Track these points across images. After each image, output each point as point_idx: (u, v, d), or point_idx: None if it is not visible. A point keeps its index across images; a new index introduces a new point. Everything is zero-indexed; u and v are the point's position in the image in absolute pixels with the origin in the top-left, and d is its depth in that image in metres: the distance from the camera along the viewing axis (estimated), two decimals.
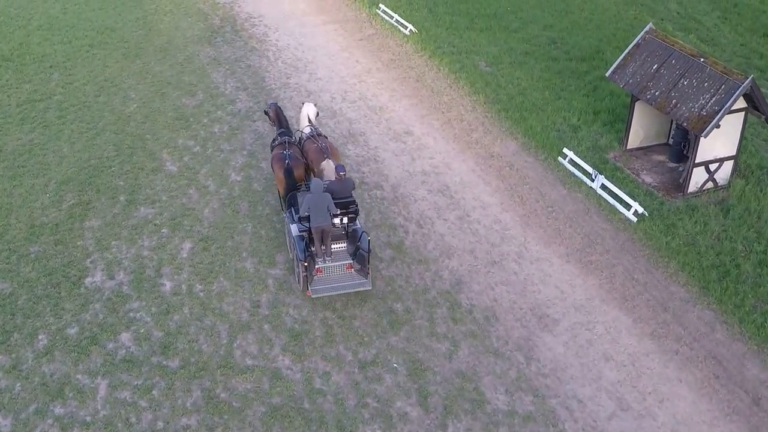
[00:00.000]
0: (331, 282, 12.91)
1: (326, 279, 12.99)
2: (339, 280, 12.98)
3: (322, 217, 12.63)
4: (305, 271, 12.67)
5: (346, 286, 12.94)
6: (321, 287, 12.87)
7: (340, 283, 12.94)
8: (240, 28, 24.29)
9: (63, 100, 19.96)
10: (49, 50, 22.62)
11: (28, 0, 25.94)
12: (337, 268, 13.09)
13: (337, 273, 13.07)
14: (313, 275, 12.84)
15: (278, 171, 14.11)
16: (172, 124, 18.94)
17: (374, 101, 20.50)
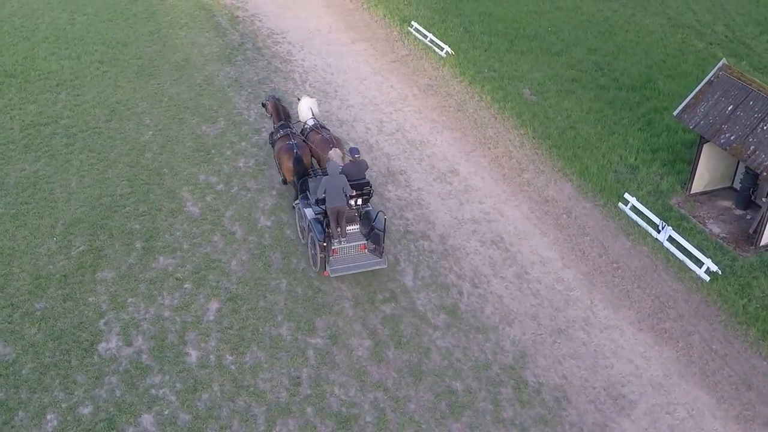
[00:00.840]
0: (347, 262, 13.57)
1: (342, 259, 13.64)
2: (355, 260, 13.66)
3: (338, 198, 13.17)
4: (323, 252, 13.31)
5: (362, 265, 13.60)
6: (338, 267, 13.50)
7: (356, 263, 13.61)
8: (262, 46, 22.80)
9: (71, 125, 18.44)
10: (56, 66, 21.09)
11: (32, 9, 24.37)
12: (352, 248, 13.66)
13: (352, 253, 13.66)
14: (329, 256, 13.40)
15: (287, 161, 14.51)
16: (192, 156, 17.45)
17: (414, 134, 19.06)
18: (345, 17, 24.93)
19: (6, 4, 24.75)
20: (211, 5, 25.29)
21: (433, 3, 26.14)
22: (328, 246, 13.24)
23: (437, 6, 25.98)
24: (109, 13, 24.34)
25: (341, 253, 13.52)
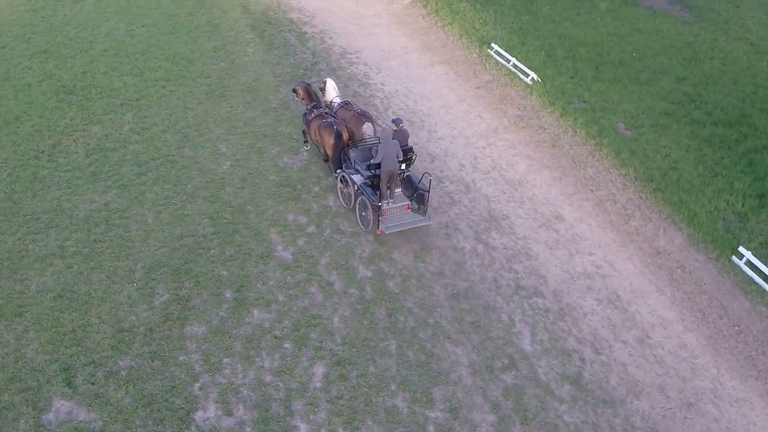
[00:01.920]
0: (395, 221, 14.95)
1: (390, 219, 15.01)
2: (402, 218, 15.06)
3: (392, 162, 14.60)
4: (375, 212, 14.81)
5: (409, 223, 15.05)
6: (390, 225, 14.88)
7: (404, 221, 15.01)
8: (336, 66, 21.75)
9: (140, 151, 17.39)
10: (118, 83, 20.07)
11: (86, 18, 23.39)
12: (398, 209, 15.10)
13: (398, 213, 15.08)
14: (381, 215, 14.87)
15: (328, 137, 15.89)
16: (277, 193, 16.35)
17: (511, 172, 17.94)
18: (420, 36, 23.89)
19: (58, 12, 23.78)
20: (277, 19, 24.28)
21: (510, 23, 25.10)
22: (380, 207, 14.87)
23: (514, 26, 24.95)
24: (170, 25, 23.35)
25: (389, 214, 15.02)
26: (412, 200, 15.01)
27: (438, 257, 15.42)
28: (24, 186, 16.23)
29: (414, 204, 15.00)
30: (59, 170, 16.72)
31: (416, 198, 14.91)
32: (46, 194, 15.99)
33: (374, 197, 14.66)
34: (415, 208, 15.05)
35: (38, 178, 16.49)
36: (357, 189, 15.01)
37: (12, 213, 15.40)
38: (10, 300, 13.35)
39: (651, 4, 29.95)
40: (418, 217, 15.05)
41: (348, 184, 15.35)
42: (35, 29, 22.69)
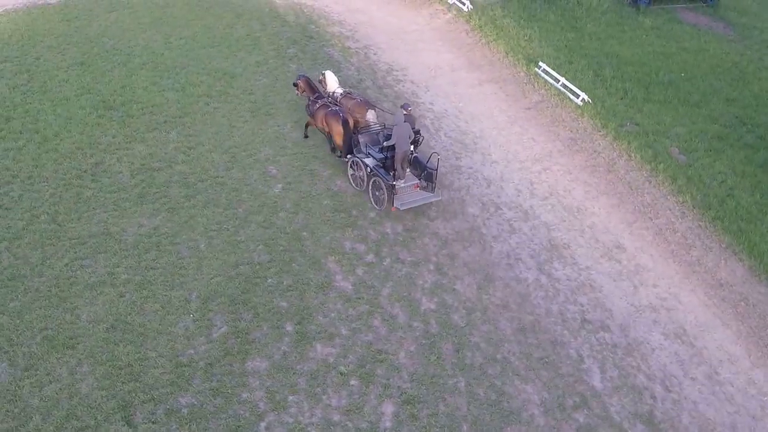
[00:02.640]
0: (407, 198, 15.99)
1: (403, 197, 16.03)
2: (413, 196, 16.11)
3: (405, 143, 15.64)
4: (389, 191, 15.87)
5: (420, 200, 16.15)
6: (402, 202, 15.90)
7: (414, 198, 16.10)
8: (383, 84, 21.43)
9: (187, 172, 17.07)
10: (159, 99, 19.76)
11: (122, 29, 23.10)
12: (408, 188, 16.19)
13: (409, 191, 16.13)
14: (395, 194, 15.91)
15: (336, 125, 16.66)
16: (333, 219, 16.00)
17: (568, 199, 17.58)
18: (465, 53, 23.57)
19: (92, 22, 23.52)
20: (318, 33, 23.98)
21: (556, 40, 24.79)
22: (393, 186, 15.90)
23: (560, 44, 24.62)
24: (209, 38, 23.05)
25: (402, 192, 16.03)
26: (421, 179, 16.10)
27: (501, 289, 15.06)
28: (68, 207, 15.94)
29: (423, 182, 16.09)
30: (104, 191, 16.43)
31: (425, 177, 16.01)
32: (91, 217, 15.68)
33: (388, 177, 15.82)
34: (423, 186, 16.13)
35: (82, 199, 16.19)
36: (370, 171, 16.13)
37: (57, 237, 15.11)
38: (60, 330, 13.02)
39: (694, 21, 29.65)
40: (428, 194, 16.18)
41: (360, 167, 16.38)
42: (70, 40, 22.42)
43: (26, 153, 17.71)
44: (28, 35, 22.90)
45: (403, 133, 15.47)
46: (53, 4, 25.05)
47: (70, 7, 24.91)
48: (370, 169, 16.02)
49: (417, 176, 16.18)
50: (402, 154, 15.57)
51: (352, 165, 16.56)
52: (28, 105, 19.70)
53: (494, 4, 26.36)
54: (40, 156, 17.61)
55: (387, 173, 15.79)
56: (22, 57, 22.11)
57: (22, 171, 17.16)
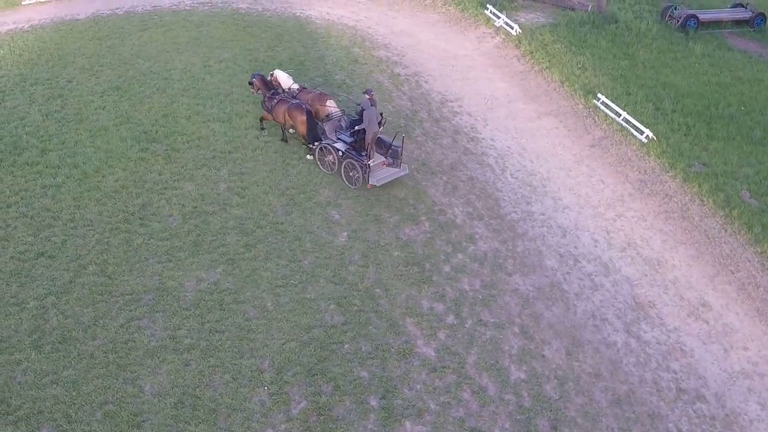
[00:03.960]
0: (379, 175, 16.83)
1: (376, 174, 16.86)
2: (383, 173, 16.91)
3: (374, 125, 16.38)
4: (364, 170, 16.65)
5: (389, 175, 16.94)
6: (377, 179, 16.75)
7: (385, 175, 16.91)
8: (439, 116, 20.25)
9: (244, 216, 15.82)
10: (205, 130, 18.50)
11: (157, 50, 21.82)
12: (378, 166, 16.96)
13: (379, 169, 16.94)
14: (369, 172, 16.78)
15: (300, 115, 17.33)
16: (406, 273, 14.80)
17: (647, 250, 16.47)
18: (519, 82, 22.44)
19: (125, 42, 22.22)
20: (364, 57, 22.79)
21: (610, 69, 23.74)
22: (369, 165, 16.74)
23: (615, 73, 23.56)
24: (250, 61, 21.79)
25: (374, 170, 16.82)
26: (387, 157, 16.99)
27: (591, 354, 13.93)
28: (117, 257, 14.67)
29: (389, 159, 16.98)
30: (155, 237, 15.17)
31: (391, 154, 16.93)
32: (144, 268, 14.42)
33: (362, 157, 16.60)
34: (390, 163, 16.99)
35: (132, 247, 14.93)
36: (342, 154, 16.92)
37: (109, 292, 13.83)
38: (123, 405, 11.74)
39: (743, 47, 28.73)
40: (396, 170, 17.11)
41: (330, 152, 17.18)
42: (102, 61, 21.11)
43: (66, 191, 16.46)
44: (58, 55, 21.58)
45: (371, 117, 16.31)
46: (81, 20, 23.74)
47: (100, 24, 23.63)
48: (342, 153, 16.86)
49: (383, 155, 17.06)
50: (372, 136, 16.42)
51: (321, 151, 17.40)
52: (64, 135, 18.44)
53: (542, 27, 25.30)
54: (81, 195, 16.36)
55: (359, 154, 16.64)
56: (53, 79, 20.80)
57: (64, 212, 15.90)
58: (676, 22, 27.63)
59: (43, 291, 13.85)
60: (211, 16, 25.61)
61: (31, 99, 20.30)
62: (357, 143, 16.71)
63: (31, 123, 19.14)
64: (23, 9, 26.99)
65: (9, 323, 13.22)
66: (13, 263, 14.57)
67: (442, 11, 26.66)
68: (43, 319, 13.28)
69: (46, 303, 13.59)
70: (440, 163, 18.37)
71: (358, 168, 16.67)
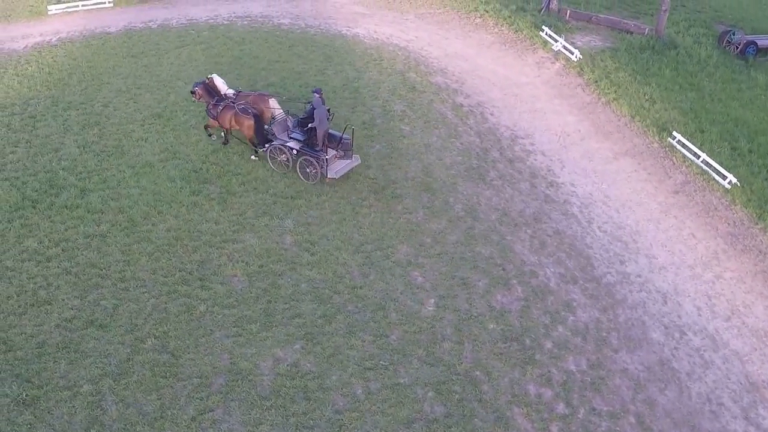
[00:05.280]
0: (336, 167, 16.76)
1: (333, 167, 16.78)
2: (338, 165, 16.85)
3: (325, 122, 16.50)
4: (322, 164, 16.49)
5: (345, 167, 16.87)
6: (334, 171, 16.65)
7: (341, 166, 16.86)
8: (512, 156, 18.31)
9: (317, 278, 13.84)
10: (261, 170, 16.44)
11: (197, 70, 19.68)
12: (332, 159, 16.81)
13: (333, 162, 16.84)
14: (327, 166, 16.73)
15: (248, 120, 17.00)
16: (506, 352, 12.91)
17: (751, 318, 14.58)
18: (588, 115, 20.54)
19: (162, 61, 20.08)
20: (422, 84, 20.76)
21: (678, 101, 21.92)
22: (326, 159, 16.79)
23: (684, 106, 21.74)
24: (300, 85, 19.59)
25: (330, 163, 16.76)
26: (338, 150, 16.94)
27: None
28: (179, 328, 12.67)
29: (340, 152, 16.95)
30: (219, 304, 13.17)
31: (341, 147, 16.91)
32: (211, 344, 12.43)
33: (319, 153, 16.60)
34: (341, 156, 16.96)
35: (195, 316, 12.93)
36: (297, 153, 16.83)
37: (174, 374, 11.85)
38: None
39: None
40: (349, 161, 17.08)
41: (283, 152, 17.01)
42: (139, 82, 18.96)
43: (113, 242, 14.44)
44: (90, 74, 19.41)
45: (322, 115, 16.36)
46: (113, 33, 21.52)
47: (134, 39, 21.41)
48: (297, 151, 16.82)
49: (334, 149, 16.98)
50: (323, 132, 16.54)
51: (272, 152, 17.15)
52: (105, 172, 16.38)
53: (602, 52, 23.43)
54: (130, 248, 14.34)
55: (314, 150, 16.63)
56: (88, 103, 18.65)
57: (112, 269, 13.87)
58: (734, 49, 25.93)
59: (98, 371, 11.88)
60: (251, 32, 23.50)
61: (65, 126, 18.21)
62: (310, 140, 16.72)
63: (67, 156, 17.09)
64: (49, 19, 24.68)
65: (61, 412, 11.25)
66: (59, 333, 12.58)
67: (494, 32, 24.73)
68: (100, 408, 11.32)
69: (101, 387, 11.61)
70: (522, 212, 16.52)
71: (315, 164, 16.61)
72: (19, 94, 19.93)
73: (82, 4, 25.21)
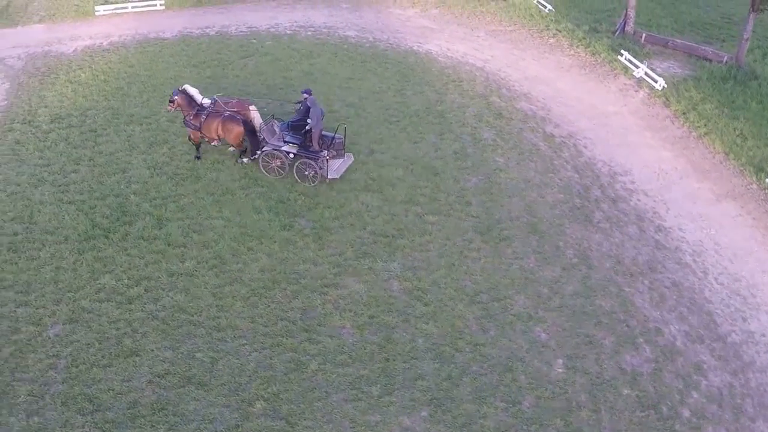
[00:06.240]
0: (333, 167, 16.57)
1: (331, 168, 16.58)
2: (333, 165, 16.66)
3: (320, 123, 16.29)
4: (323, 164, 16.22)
5: (342, 166, 16.74)
6: (334, 171, 16.52)
7: (338, 166, 16.71)
8: (614, 195, 17.29)
9: (435, 333, 12.67)
10: (354, 203, 15.30)
11: (265, 84, 18.42)
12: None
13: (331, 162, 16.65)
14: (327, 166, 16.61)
15: (236, 126, 16.48)
16: (644, 422, 11.76)
17: None
18: (682, 151, 19.59)
19: (227, 71, 18.89)
20: (507, 110, 19.74)
21: (766, 134, 21.27)
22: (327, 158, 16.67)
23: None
24: (381, 109, 18.41)
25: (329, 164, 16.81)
26: (330, 150, 16.68)
27: None
28: (291, 390, 11.51)
29: (333, 152, 16.76)
30: (331, 361, 12.01)
31: (335, 146, 16.79)
32: (329, 408, 11.27)
33: (318, 154, 16.38)
34: (334, 155, 16.78)
35: (306, 374, 11.77)
36: (293, 156, 16.57)
37: None
38: None
39: None
40: (344, 159, 17.00)
41: (277, 157, 16.65)
42: (204, 95, 17.74)
43: (201, 283, 13.26)
44: (150, 84, 18.26)
45: (317, 115, 16.24)
46: (169, 39, 20.30)
47: (191, 46, 20.22)
48: (294, 155, 16.53)
49: (326, 148, 16.72)
50: (318, 133, 16.37)
51: (264, 158, 16.76)
52: (182, 198, 15.23)
53: (685, 81, 22.59)
54: (222, 290, 13.17)
55: (312, 152, 16.40)
56: (151, 117, 17.51)
57: (204, 314, 12.70)
58: None
59: None
60: (318, 44, 22.45)
61: (130, 143, 17.07)
62: (306, 142, 16.51)
63: (137, 178, 15.93)
64: (97, 21, 23.42)
65: None
66: (152, 392, 11.38)
67: (571, 54, 23.83)
68: None
69: None
70: (635, 260, 15.51)
71: (314, 165, 16.35)
72: (74, 104, 18.75)
73: (131, 6, 24.08)
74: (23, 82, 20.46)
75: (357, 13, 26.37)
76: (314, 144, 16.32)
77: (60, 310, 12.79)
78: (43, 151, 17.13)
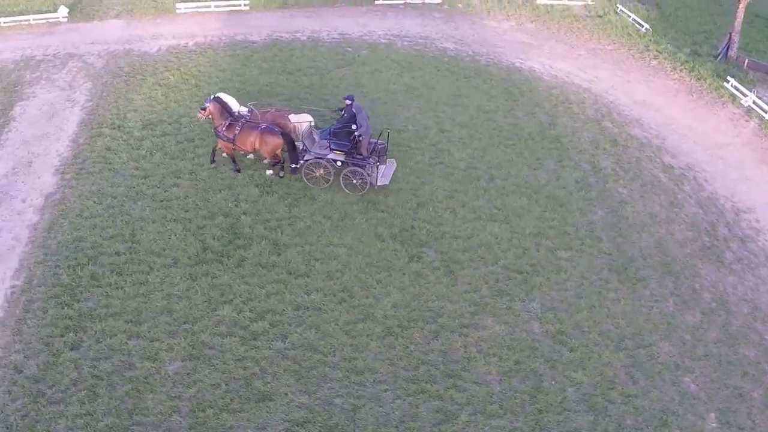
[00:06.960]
0: (380, 174, 16.49)
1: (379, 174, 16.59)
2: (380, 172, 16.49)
3: (368, 128, 16.35)
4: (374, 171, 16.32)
5: (388, 172, 16.73)
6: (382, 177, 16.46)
7: (385, 173, 16.64)
8: (742, 235, 16.71)
9: (585, 383, 12.11)
10: (482, 234, 14.71)
11: (371, 98, 17.92)
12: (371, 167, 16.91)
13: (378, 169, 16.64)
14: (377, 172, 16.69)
15: (276, 138, 16.18)
16: None
17: None
18: None
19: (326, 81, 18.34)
20: (621, 136, 19.28)
21: None
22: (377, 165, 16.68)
23: None
24: (492, 128, 17.98)
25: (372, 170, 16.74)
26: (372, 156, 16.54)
27: None
28: None
29: (375, 158, 16.57)
30: (480, 411, 11.47)
31: (377, 153, 16.62)
32: None
33: (366, 161, 16.33)
34: (377, 161, 16.62)
35: (458, 427, 11.20)
36: (341, 164, 16.46)
37: None
38: None
39: None
40: (387, 166, 16.95)
41: (322, 166, 16.46)
42: (304, 106, 17.29)
43: (331, 319, 12.78)
44: (245, 92, 18.13)
45: (364, 121, 16.16)
46: (258, 43, 19.90)
47: (283, 51, 19.82)
48: (341, 163, 16.44)
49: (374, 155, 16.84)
50: (367, 139, 16.33)
51: (307, 168, 16.55)
52: (298, 222, 14.80)
53: None
54: (354, 328, 12.66)
55: (361, 159, 16.34)
56: None
57: (337, 354, 12.19)
58: None
59: None
60: (417, 56, 22.07)
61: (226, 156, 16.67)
62: (353, 149, 16.35)
63: (245, 196, 15.53)
64: (179, 18, 23.05)
65: None
66: None
67: (675, 78, 23.32)
68: None
69: None
70: None
71: (362, 173, 16.29)
72: (166, 109, 18.38)
73: (214, 5, 23.70)
74: (107, 82, 20.17)
75: (451, 23, 25.96)
76: (363, 151, 16.18)
77: (178, 344, 12.25)
78: (138, 161, 16.78)
